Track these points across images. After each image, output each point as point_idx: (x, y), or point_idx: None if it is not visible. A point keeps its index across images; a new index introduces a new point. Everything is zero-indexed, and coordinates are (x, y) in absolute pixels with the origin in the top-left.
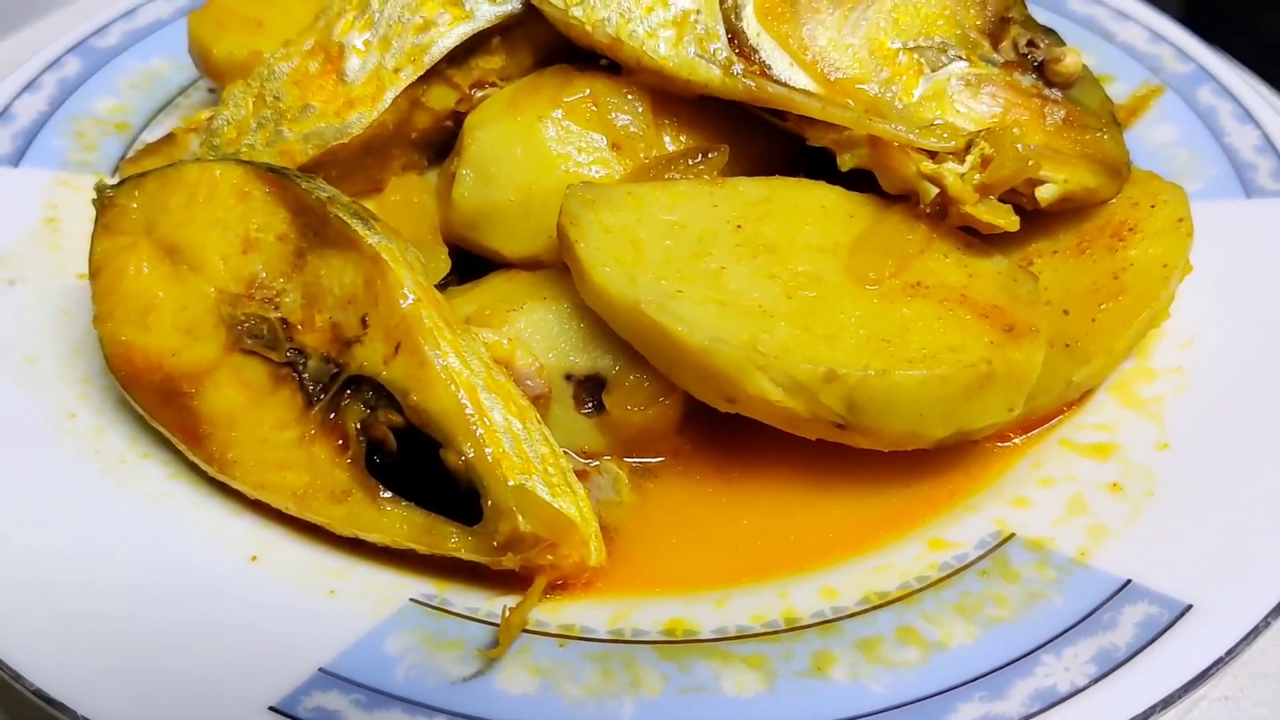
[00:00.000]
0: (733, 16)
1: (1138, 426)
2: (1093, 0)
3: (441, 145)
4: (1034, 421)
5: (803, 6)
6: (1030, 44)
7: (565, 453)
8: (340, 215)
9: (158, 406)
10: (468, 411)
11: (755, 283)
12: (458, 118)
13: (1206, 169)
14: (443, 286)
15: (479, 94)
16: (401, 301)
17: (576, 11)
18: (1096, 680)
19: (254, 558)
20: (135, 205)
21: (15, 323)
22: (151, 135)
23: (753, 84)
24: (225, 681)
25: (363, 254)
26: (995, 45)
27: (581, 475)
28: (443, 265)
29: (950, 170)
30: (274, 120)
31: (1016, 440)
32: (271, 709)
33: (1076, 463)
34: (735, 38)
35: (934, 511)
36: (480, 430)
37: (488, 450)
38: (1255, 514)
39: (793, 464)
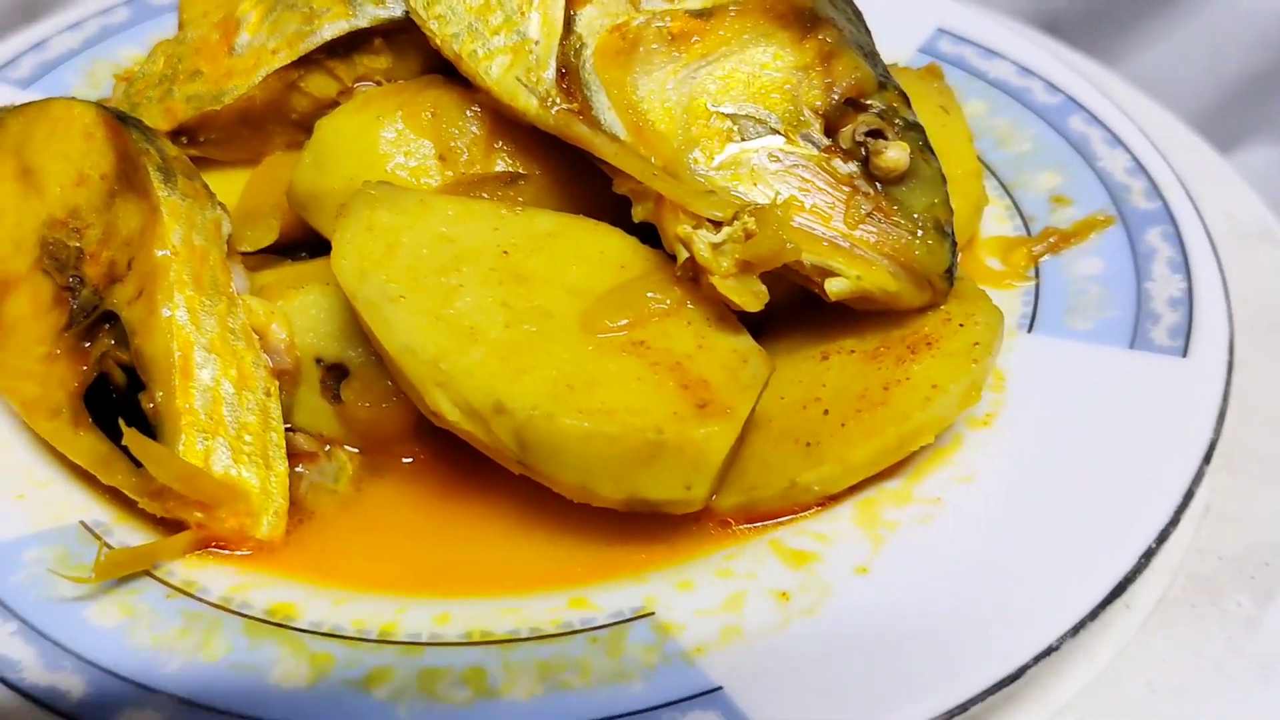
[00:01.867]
0: (571, 54)
1: (854, 546)
2: (1093, 121)
3: None
4: (759, 514)
5: (640, 56)
6: (872, 134)
7: (300, 432)
8: (147, 166)
9: None
10: (171, 361)
11: (482, 307)
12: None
13: (1107, 310)
14: (292, 258)
15: (360, 87)
16: (157, 251)
17: (433, 24)
18: None
19: None
20: (16, 128)
21: None
22: None
23: (562, 120)
24: None
25: (150, 203)
26: (834, 128)
27: (308, 456)
28: (265, 235)
29: (702, 237)
30: (170, 79)
31: (742, 527)
32: None
33: (768, 564)
34: (569, 73)
35: (612, 573)
36: (175, 381)
37: (175, 401)
38: (885, 670)
39: (515, 497)
